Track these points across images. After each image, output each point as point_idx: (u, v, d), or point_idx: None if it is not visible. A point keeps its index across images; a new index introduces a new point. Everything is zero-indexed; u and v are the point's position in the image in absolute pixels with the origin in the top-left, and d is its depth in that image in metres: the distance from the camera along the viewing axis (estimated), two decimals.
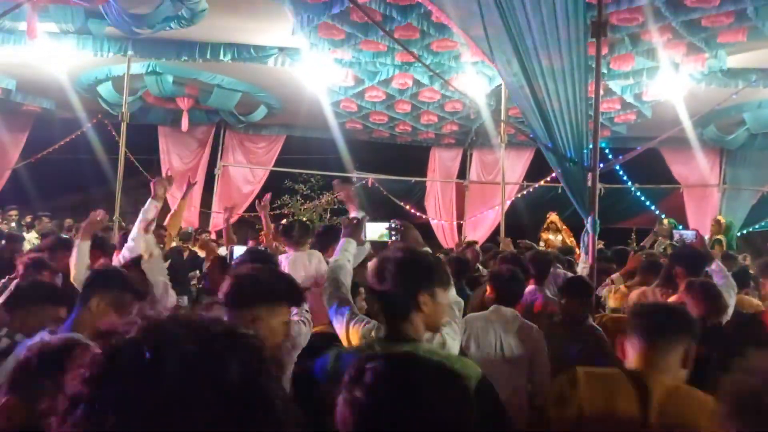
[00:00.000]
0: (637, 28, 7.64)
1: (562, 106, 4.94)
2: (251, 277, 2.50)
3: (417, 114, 11.46)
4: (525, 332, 3.85)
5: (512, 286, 4.07)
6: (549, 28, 4.50)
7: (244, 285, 2.46)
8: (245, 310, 2.37)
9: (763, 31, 7.45)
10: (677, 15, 7.19)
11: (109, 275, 2.97)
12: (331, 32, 7.80)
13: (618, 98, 9.96)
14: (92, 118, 12.45)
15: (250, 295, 2.42)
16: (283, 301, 2.50)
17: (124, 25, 7.48)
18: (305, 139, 14.04)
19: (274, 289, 2.48)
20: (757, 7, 6.94)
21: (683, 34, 7.66)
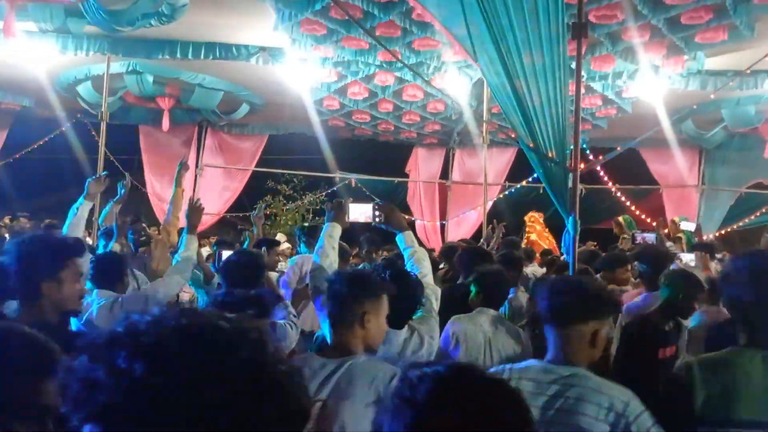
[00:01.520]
0: (616, 26, 7.69)
1: (544, 105, 4.96)
2: None
3: (399, 114, 11.49)
4: (512, 334, 3.81)
5: (500, 287, 4.02)
6: (530, 28, 4.52)
7: None
8: None
9: (741, 31, 7.54)
10: (656, 12, 7.26)
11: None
12: (313, 27, 7.77)
13: (599, 95, 10.05)
14: (72, 117, 12.32)
15: None
16: None
17: (103, 23, 7.40)
18: (288, 139, 13.99)
19: None
20: (736, 3, 7.01)
21: (663, 33, 7.73)
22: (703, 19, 7.43)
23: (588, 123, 11.36)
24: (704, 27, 7.64)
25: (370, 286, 2.41)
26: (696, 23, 7.52)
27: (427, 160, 14.33)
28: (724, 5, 7.06)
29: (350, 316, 2.33)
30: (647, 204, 13.46)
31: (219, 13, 7.74)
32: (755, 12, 7.23)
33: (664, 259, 4.93)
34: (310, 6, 7.21)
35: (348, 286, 2.36)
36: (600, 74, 9.01)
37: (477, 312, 3.84)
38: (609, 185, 13.12)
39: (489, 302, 3.87)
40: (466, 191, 13.96)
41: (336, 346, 2.34)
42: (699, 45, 8.12)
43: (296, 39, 8.14)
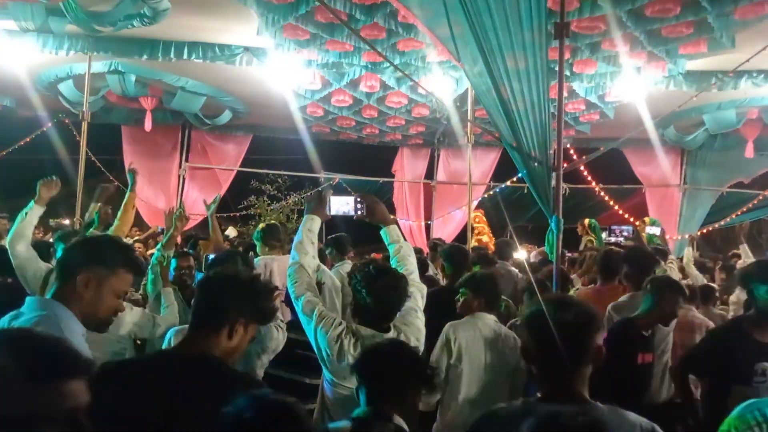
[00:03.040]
0: (598, 36, 7.73)
1: (527, 106, 4.97)
2: None
3: (384, 118, 11.48)
4: (509, 340, 3.68)
5: (496, 291, 3.91)
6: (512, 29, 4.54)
7: None
8: None
9: (722, 43, 7.60)
10: (638, 25, 7.28)
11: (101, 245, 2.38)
12: (296, 32, 7.72)
13: (582, 99, 10.11)
14: (53, 116, 12.18)
15: None
16: None
17: (84, 23, 7.32)
18: (272, 139, 13.94)
19: None
20: (718, 17, 7.05)
21: (644, 44, 7.78)
22: (683, 33, 7.47)
23: (572, 128, 11.48)
24: (685, 41, 7.70)
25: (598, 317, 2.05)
26: (677, 36, 7.57)
27: (413, 161, 14.35)
28: (705, 20, 7.10)
29: (580, 359, 1.91)
30: (630, 203, 13.58)
31: (202, 15, 7.67)
32: (735, 26, 7.28)
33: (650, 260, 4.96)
34: (293, 11, 7.15)
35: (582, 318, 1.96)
36: (582, 76, 9.05)
37: (474, 317, 3.71)
38: (592, 185, 13.21)
39: (487, 307, 3.75)
40: (451, 191, 13.99)
41: (555, 391, 1.91)
42: (680, 55, 8.20)
43: (279, 44, 8.09)
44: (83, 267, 2.16)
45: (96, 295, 2.16)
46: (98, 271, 2.17)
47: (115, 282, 2.21)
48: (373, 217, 3.33)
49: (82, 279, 2.14)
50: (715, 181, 13.39)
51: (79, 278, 2.14)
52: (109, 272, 2.19)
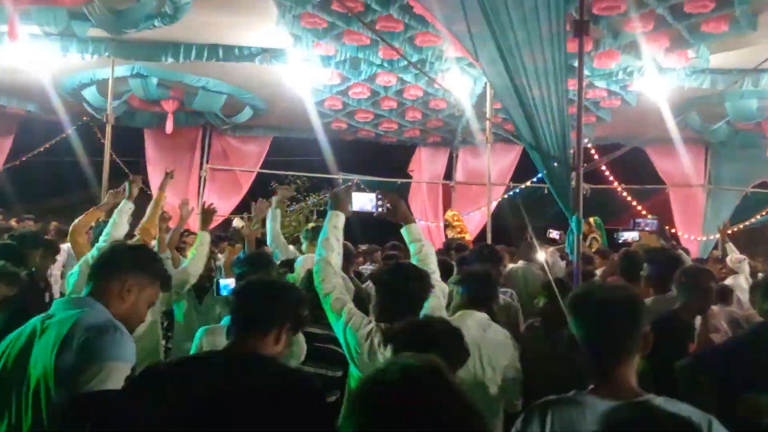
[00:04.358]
0: (619, 17, 7.65)
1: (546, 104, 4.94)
2: None
3: (402, 110, 11.43)
4: (502, 338, 3.54)
5: (486, 287, 3.74)
6: (530, 26, 4.50)
7: None
8: None
9: (740, 23, 7.52)
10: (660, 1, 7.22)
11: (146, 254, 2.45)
12: (314, 21, 7.74)
13: (605, 88, 10.01)
14: (77, 120, 12.37)
15: None
16: None
17: (107, 25, 7.42)
18: (291, 141, 14.01)
19: None
20: None
21: (667, 21, 7.68)
22: (707, 8, 7.39)
23: (592, 114, 11.23)
24: (707, 16, 7.60)
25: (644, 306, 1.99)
26: (700, 11, 7.47)
27: (431, 160, 14.29)
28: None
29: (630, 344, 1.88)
30: (653, 204, 13.41)
31: (221, 13, 7.76)
32: (756, 2, 7.20)
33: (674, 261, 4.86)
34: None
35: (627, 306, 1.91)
36: (603, 71, 8.97)
37: (462, 314, 3.56)
38: (614, 185, 13.08)
39: (475, 303, 3.59)
40: (470, 191, 13.92)
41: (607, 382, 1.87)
42: (702, 35, 8.05)
43: (297, 35, 8.11)
44: (128, 271, 2.21)
45: (135, 301, 2.21)
46: (141, 279, 2.22)
47: (151, 293, 2.28)
48: (395, 214, 3.30)
49: (126, 283, 2.18)
50: (739, 180, 13.19)
51: (123, 281, 2.18)
52: (149, 282, 2.26)
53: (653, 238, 8.24)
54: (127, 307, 2.18)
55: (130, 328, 2.20)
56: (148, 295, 2.26)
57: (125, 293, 2.18)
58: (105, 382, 1.90)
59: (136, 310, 2.23)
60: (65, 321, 2.02)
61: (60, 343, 1.95)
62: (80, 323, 1.99)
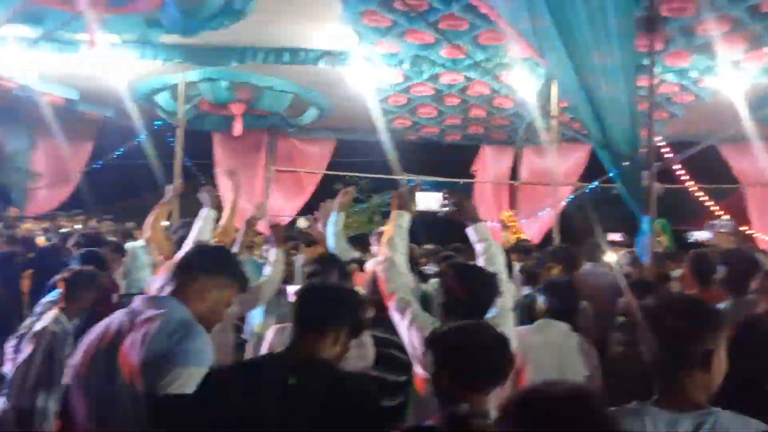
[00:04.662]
0: (691, 19, 7.36)
1: (615, 101, 4.83)
2: None
3: (466, 107, 11.30)
4: (583, 348, 3.43)
5: (569, 298, 3.63)
6: (598, 23, 4.41)
7: None
8: None
9: None
10: (734, 2, 6.89)
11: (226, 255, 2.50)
12: (377, 19, 7.74)
13: (676, 84, 9.65)
14: (150, 125, 12.85)
15: None
16: None
17: (179, 29, 7.67)
18: (354, 142, 14.14)
19: None
20: None
21: (745, 23, 7.33)
22: None
23: (664, 110, 10.85)
24: None
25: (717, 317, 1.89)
26: None
27: (495, 160, 14.09)
28: None
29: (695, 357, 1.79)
30: (729, 204, 12.84)
31: (286, 12, 7.89)
32: None
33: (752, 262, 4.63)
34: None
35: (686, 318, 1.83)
36: (675, 68, 8.66)
37: (543, 323, 3.49)
38: (687, 184, 12.61)
39: (557, 313, 3.50)
40: (536, 192, 13.67)
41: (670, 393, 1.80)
42: None
43: (361, 33, 8.15)
44: (208, 273, 2.27)
45: (214, 301, 2.27)
46: (220, 280, 2.28)
47: (229, 293, 2.33)
48: (462, 213, 3.24)
49: (206, 284, 2.24)
50: None
51: (203, 282, 2.24)
52: (228, 283, 2.31)
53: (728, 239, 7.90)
54: (206, 307, 2.24)
55: (208, 326, 2.25)
56: (227, 295, 2.31)
57: (205, 293, 2.23)
58: (183, 387, 1.96)
59: (215, 310, 2.28)
60: (150, 320, 2.09)
61: (144, 342, 2.02)
62: (164, 325, 2.05)
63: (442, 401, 2.08)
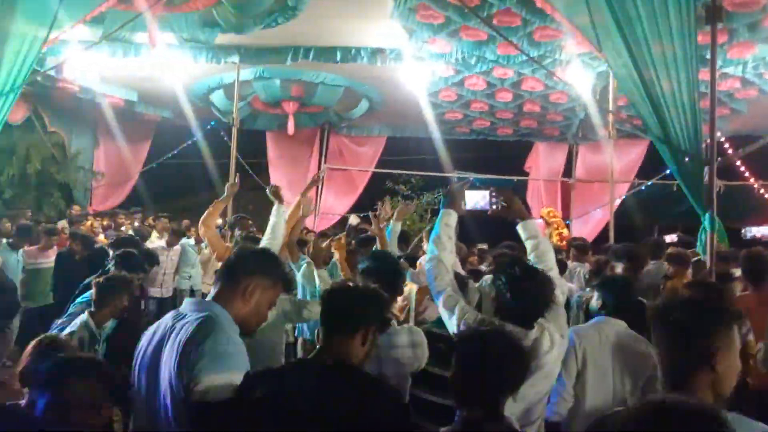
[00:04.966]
0: (758, 14, 7.06)
1: (675, 96, 4.67)
2: None
3: (520, 103, 11.13)
4: (641, 348, 3.29)
5: (626, 295, 3.51)
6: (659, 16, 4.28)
7: None
8: None
9: None
10: None
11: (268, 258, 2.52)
12: (430, 14, 7.67)
13: (738, 77, 9.28)
14: (205, 125, 13.15)
15: None
16: None
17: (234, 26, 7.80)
18: (405, 140, 14.15)
19: None
20: None
21: None
22: None
23: (726, 107, 10.47)
24: None
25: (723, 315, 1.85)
26: None
27: (549, 156, 13.88)
28: None
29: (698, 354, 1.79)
30: None
31: (337, 14, 7.93)
32: None
33: None
34: None
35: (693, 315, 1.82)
36: (737, 61, 8.34)
37: (601, 321, 3.39)
38: (750, 181, 12.15)
39: (614, 311, 3.39)
40: (591, 189, 13.41)
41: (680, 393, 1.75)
42: None
43: (413, 29, 8.11)
44: (251, 275, 2.30)
45: (257, 303, 2.29)
46: (263, 282, 2.30)
47: (273, 294, 2.36)
48: (510, 211, 3.21)
49: (248, 286, 2.27)
50: None
51: (245, 285, 2.27)
52: (271, 284, 2.33)
53: None
54: (249, 309, 2.27)
55: (251, 328, 2.31)
56: (270, 296, 2.34)
57: (248, 295, 2.26)
58: (216, 393, 1.99)
59: (258, 311, 2.31)
60: (191, 324, 2.13)
61: (183, 346, 2.06)
62: (199, 330, 2.09)
63: (458, 403, 2.13)
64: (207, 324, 2.10)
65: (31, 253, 7.23)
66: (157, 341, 2.18)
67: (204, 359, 2.01)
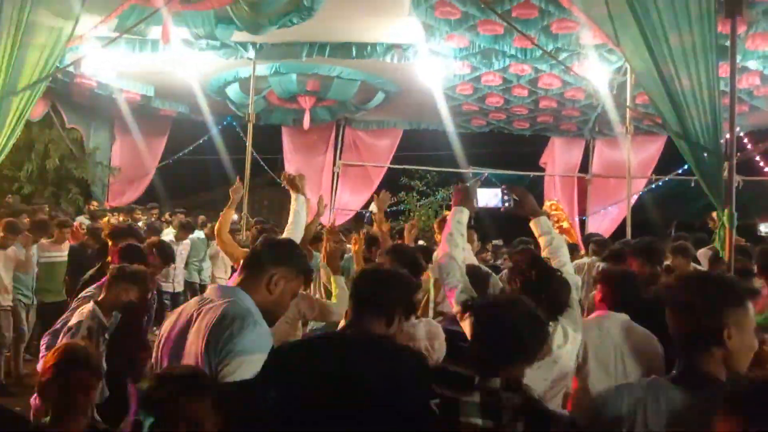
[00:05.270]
0: None
1: (694, 90, 4.61)
2: None
3: (535, 98, 11.03)
4: (644, 340, 3.27)
5: (626, 288, 3.47)
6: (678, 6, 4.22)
7: None
8: None
9: None
10: None
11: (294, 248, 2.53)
12: (448, 10, 7.65)
13: (757, 72, 9.14)
14: (221, 120, 13.19)
15: None
16: None
17: (249, 25, 7.81)
18: (421, 136, 14.12)
19: None
20: None
21: None
22: None
23: (745, 104, 10.33)
24: None
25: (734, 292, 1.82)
26: None
27: (565, 152, 13.75)
28: None
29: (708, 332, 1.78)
30: None
31: (354, 11, 7.91)
32: None
33: None
34: None
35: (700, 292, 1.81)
36: (758, 54, 8.21)
37: (602, 315, 3.36)
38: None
39: (618, 305, 3.36)
40: (608, 185, 13.30)
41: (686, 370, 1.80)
42: None
43: (431, 25, 8.07)
44: (275, 265, 2.31)
45: (281, 293, 2.31)
46: (287, 273, 2.32)
47: (296, 285, 2.38)
48: (523, 208, 3.23)
49: (273, 276, 2.29)
50: None
51: (270, 275, 2.29)
52: (294, 275, 2.35)
53: None
54: (273, 299, 2.29)
55: (273, 318, 2.32)
56: (293, 287, 2.36)
57: (272, 286, 2.28)
58: (244, 374, 2.02)
59: (281, 300, 2.33)
60: (215, 309, 2.16)
61: (209, 329, 2.09)
62: (226, 314, 2.11)
63: (476, 372, 2.11)
64: (233, 308, 2.13)
65: (44, 246, 7.18)
66: (181, 325, 2.21)
67: (231, 342, 2.04)
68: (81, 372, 2.45)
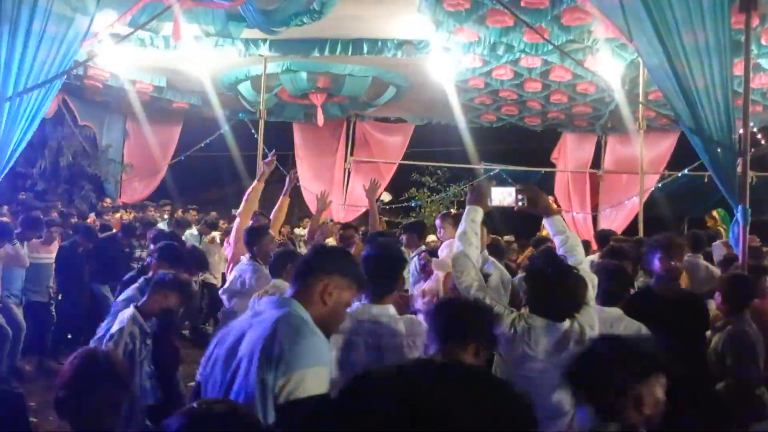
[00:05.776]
0: None
1: (708, 86, 4.59)
2: None
3: (547, 93, 10.95)
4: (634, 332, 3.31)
5: (619, 282, 3.56)
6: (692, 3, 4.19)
7: None
8: None
9: None
10: None
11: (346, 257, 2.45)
12: (457, 3, 7.54)
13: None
14: (233, 115, 13.22)
15: None
16: None
17: (260, 25, 7.83)
18: (432, 132, 14.07)
19: None
20: None
21: None
22: None
23: (759, 105, 10.27)
24: None
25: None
26: None
27: (577, 147, 13.66)
28: None
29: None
30: None
31: (364, 8, 7.90)
32: None
33: None
34: None
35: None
36: None
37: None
38: None
39: (607, 299, 3.42)
40: (620, 181, 13.22)
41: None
42: None
43: (440, 20, 8.02)
44: (327, 274, 2.23)
45: (334, 303, 2.23)
46: (339, 282, 2.24)
47: (349, 295, 2.29)
48: (536, 207, 3.25)
49: (325, 285, 2.21)
50: None
51: (322, 284, 2.21)
52: (347, 284, 2.27)
53: None
54: (327, 310, 2.21)
55: (330, 329, 2.25)
56: (347, 297, 2.28)
57: (326, 296, 2.20)
58: (305, 390, 1.93)
59: (336, 312, 2.24)
60: (269, 320, 2.08)
61: (263, 342, 2.01)
62: (280, 326, 2.04)
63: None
64: (288, 319, 2.07)
65: (33, 246, 7.03)
66: (234, 338, 2.13)
67: (288, 355, 1.95)
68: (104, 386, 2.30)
